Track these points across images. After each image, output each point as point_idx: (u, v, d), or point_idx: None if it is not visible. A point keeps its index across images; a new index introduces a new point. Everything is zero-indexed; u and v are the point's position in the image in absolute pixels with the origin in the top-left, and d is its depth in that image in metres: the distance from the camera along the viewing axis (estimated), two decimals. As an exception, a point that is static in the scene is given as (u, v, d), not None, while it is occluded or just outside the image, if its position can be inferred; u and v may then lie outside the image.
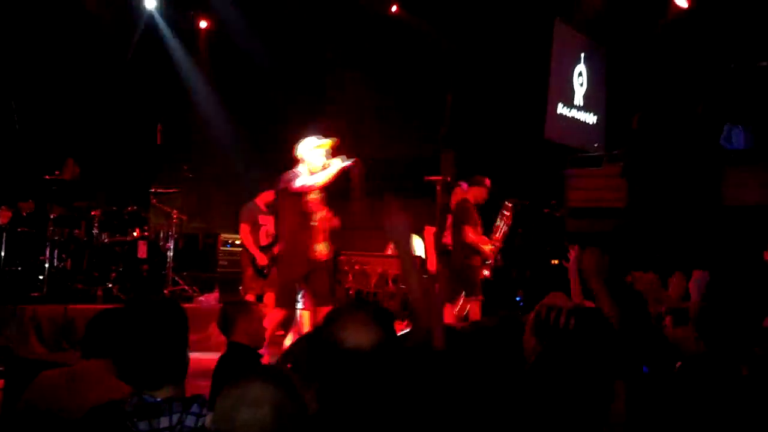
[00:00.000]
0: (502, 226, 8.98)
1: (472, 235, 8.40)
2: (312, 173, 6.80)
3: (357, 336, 2.04)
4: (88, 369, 3.32)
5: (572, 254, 4.24)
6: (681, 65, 11.97)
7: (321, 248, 6.99)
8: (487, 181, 8.84)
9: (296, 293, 6.92)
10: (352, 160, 6.90)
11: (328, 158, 6.85)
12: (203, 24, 12.87)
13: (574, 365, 2.81)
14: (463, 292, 8.34)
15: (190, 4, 12.53)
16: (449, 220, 8.75)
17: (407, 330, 3.16)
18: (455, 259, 8.60)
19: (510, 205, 9.12)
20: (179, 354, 2.45)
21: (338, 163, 6.83)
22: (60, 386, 3.23)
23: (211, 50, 12.97)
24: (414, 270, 2.92)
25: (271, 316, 6.67)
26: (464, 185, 8.97)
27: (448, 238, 8.78)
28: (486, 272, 8.71)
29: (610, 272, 4.01)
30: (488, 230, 9.00)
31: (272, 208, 9.09)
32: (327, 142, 6.90)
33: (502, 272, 11.16)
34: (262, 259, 8.88)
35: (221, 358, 4.30)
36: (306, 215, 6.88)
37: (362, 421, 2.01)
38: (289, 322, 7.36)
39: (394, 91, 12.52)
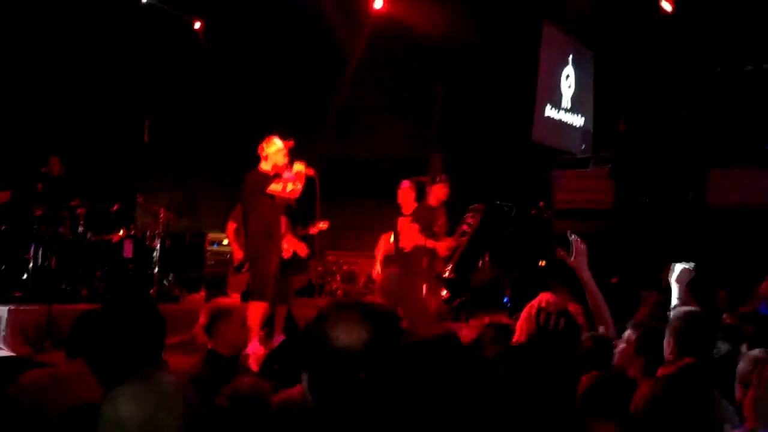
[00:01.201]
0: (465, 227, 9.09)
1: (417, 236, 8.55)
2: (275, 170, 7.22)
3: (348, 335, 2.03)
4: (72, 369, 3.29)
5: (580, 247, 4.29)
6: (667, 68, 12.02)
7: (285, 246, 7.64)
8: (445, 177, 9.02)
9: (273, 286, 7.16)
10: (312, 170, 7.36)
11: (287, 159, 7.30)
12: (197, 25, 12.81)
13: (560, 362, 2.85)
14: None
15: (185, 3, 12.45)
16: (399, 222, 8.82)
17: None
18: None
19: (479, 207, 9.24)
20: (153, 355, 2.42)
21: (302, 168, 7.26)
22: (43, 386, 3.20)
23: (203, 49, 12.92)
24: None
25: (252, 311, 6.79)
26: (405, 183, 9.06)
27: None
28: (446, 273, 8.86)
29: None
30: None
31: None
32: (288, 144, 7.34)
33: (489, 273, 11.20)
34: (239, 253, 9.07)
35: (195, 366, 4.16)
36: (278, 214, 7.34)
37: (352, 420, 2.00)
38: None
39: (384, 92, 12.50)
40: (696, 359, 3.32)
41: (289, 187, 7.14)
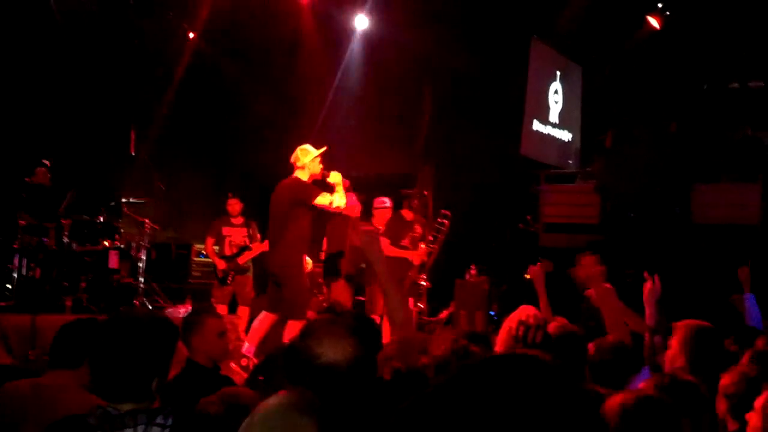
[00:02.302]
0: (438, 234, 9.16)
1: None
2: (312, 178, 7.07)
3: (334, 351, 2.01)
4: (55, 380, 3.26)
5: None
6: (655, 85, 12.10)
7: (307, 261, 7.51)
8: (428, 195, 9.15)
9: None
10: (348, 180, 7.23)
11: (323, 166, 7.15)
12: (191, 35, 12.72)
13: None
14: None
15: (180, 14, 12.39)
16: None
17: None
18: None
19: (448, 213, 9.32)
20: (147, 368, 2.40)
21: (339, 178, 7.08)
22: (26, 397, 3.17)
23: (191, 61, 12.88)
24: (391, 285, 2.96)
25: (290, 330, 6.76)
26: (379, 199, 9.16)
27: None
28: (422, 281, 8.93)
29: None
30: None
31: (245, 220, 9.48)
32: (321, 151, 7.15)
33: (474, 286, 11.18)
34: (221, 264, 9.18)
35: (173, 378, 4.04)
36: (309, 228, 7.18)
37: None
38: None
39: (372, 106, 12.52)
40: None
41: (336, 201, 6.98)
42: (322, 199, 6.92)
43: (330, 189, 7.15)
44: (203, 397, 2.73)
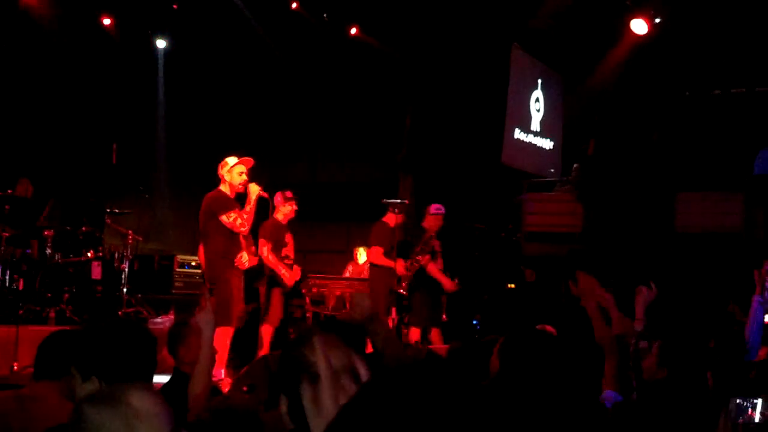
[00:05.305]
0: (425, 247, 9.18)
1: (375, 255, 8.64)
2: (234, 191, 7.04)
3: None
4: (39, 391, 3.25)
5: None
6: (637, 92, 12.17)
7: (245, 260, 7.34)
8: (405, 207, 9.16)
9: (236, 309, 7.06)
10: (266, 194, 7.27)
11: (246, 178, 7.09)
12: (162, 44, 12.70)
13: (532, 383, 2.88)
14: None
15: (150, 23, 12.40)
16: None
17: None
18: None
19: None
20: (146, 373, 2.44)
21: (255, 190, 7.07)
22: (10, 409, 3.16)
23: (168, 70, 12.87)
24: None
25: (217, 336, 6.63)
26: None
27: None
28: (401, 290, 8.97)
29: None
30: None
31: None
32: (245, 161, 7.14)
33: (459, 296, 11.20)
34: None
35: (161, 387, 4.13)
36: (236, 236, 7.10)
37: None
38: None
39: (353, 115, 12.55)
40: None
41: (239, 224, 6.91)
42: (226, 218, 6.89)
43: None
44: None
